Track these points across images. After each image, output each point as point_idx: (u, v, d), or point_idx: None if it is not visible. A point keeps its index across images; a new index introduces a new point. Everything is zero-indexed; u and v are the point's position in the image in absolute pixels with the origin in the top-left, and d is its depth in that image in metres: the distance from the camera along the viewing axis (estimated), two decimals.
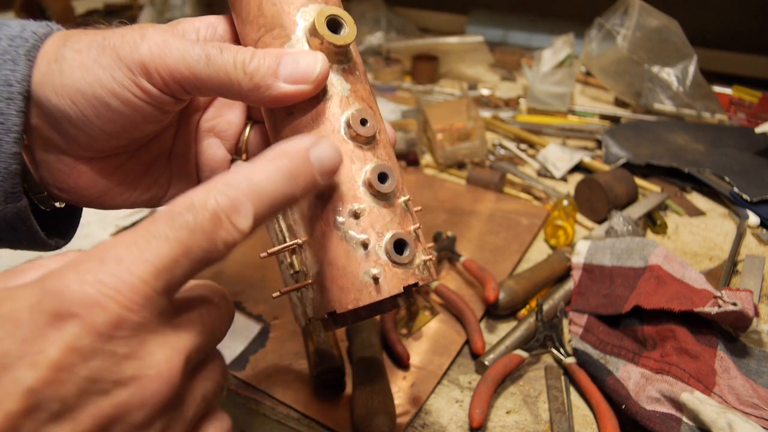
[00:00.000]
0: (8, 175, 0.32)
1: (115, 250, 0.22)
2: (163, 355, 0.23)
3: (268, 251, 0.33)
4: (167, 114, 0.34)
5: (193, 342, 0.24)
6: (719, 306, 0.52)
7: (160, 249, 0.22)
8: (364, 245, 0.31)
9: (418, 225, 0.34)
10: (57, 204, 0.38)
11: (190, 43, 0.31)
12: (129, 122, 0.33)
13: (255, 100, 0.32)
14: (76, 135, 0.33)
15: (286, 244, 0.34)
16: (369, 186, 0.32)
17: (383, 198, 0.32)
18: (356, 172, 0.32)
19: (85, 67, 0.31)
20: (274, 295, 0.35)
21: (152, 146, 0.38)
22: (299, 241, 0.34)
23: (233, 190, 0.24)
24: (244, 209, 0.25)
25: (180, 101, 0.34)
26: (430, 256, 0.34)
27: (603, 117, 1.14)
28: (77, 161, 0.34)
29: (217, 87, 0.32)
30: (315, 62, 0.31)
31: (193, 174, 0.40)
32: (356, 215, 0.31)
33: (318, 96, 0.33)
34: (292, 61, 0.31)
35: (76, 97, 0.31)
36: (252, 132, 0.40)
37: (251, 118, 0.40)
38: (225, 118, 0.40)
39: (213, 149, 0.39)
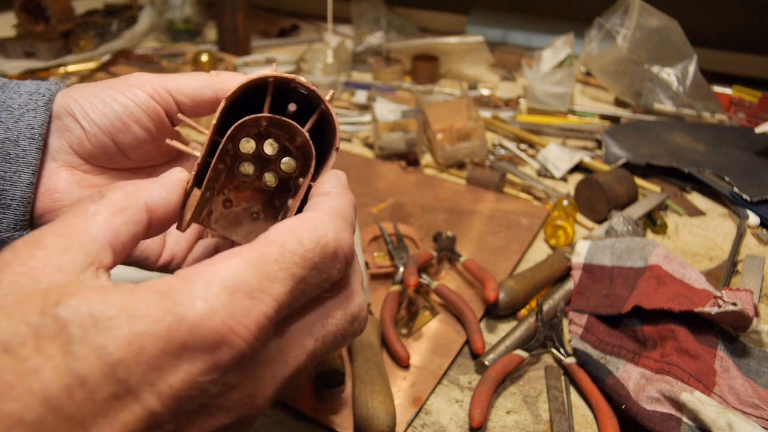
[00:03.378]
0: (22, 202, 0.37)
1: (245, 281, 0.24)
2: (264, 386, 0.25)
3: None
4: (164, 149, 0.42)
5: (292, 368, 0.27)
6: (719, 306, 0.52)
7: (285, 286, 0.25)
8: None
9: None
10: None
11: (198, 74, 0.40)
12: (119, 133, 0.39)
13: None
14: (70, 134, 0.39)
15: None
16: None
17: None
18: None
19: (95, 86, 0.39)
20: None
21: (138, 176, 0.43)
22: None
23: (339, 230, 0.28)
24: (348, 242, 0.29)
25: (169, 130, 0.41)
26: None
27: (603, 117, 1.14)
28: (61, 166, 0.39)
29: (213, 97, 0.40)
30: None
31: None
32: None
33: None
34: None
35: (80, 94, 0.39)
36: None
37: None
38: None
39: None
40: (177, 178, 0.33)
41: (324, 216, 0.28)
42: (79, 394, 0.20)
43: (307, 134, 0.35)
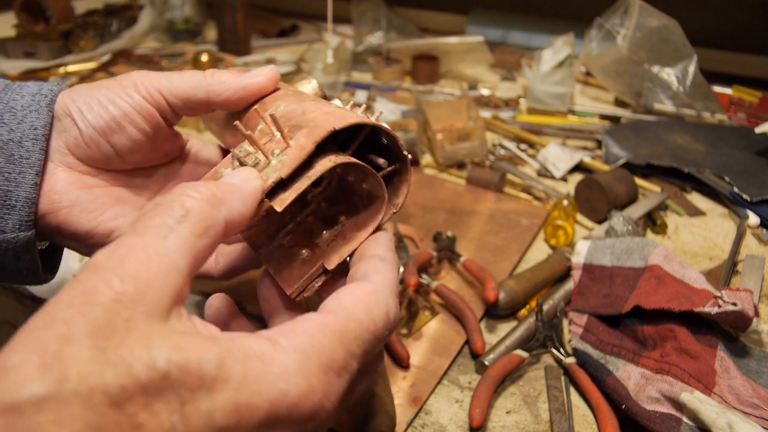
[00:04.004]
0: (27, 203, 0.37)
1: (335, 360, 0.26)
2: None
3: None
4: (162, 149, 0.43)
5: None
6: (719, 306, 0.52)
7: (359, 362, 0.28)
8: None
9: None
10: (42, 243, 0.43)
11: (195, 74, 0.41)
12: (114, 134, 0.40)
13: (230, 103, 0.40)
14: (67, 135, 0.39)
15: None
16: None
17: None
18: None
19: (93, 86, 0.40)
20: None
21: (136, 178, 0.43)
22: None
23: (396, 305, 0.33)
24: None
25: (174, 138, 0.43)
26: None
27: (603, 117, 1.14)
28: (58, 167, 0.39)
29: (208, 102, 0.40)
30: (267, 71, 0.40)
31: None
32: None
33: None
34: (250, 74, 0.40)
35: (79, 95, 0.39)
36: None
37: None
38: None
39: None
40: (254, 188, 0.31)
41: (386, 291, 0.31)
42: None
43: (385, 192, 0.35)
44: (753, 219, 0.80)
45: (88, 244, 0.40)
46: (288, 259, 0.37)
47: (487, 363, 0.55)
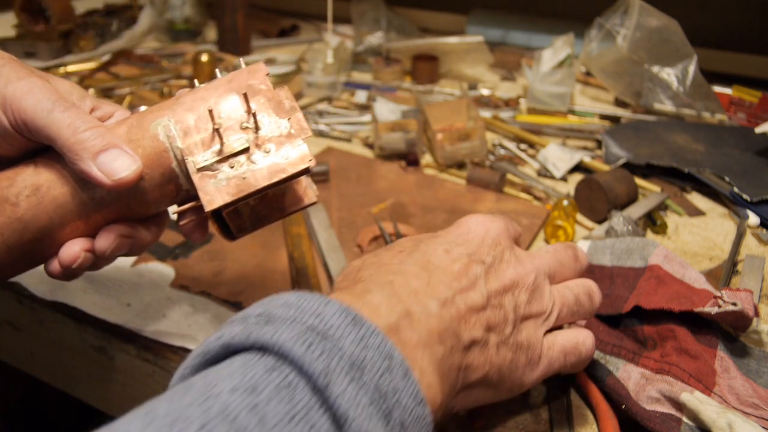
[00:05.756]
0: None
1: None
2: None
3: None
4: (14, 147, 0.40)
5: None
6: (719, 306, 0.52)
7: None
8: None
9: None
10: None
11: (50, 96, 0.37)
12: None
13: (71, 162, 0.37)
14: None
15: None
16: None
17: None
18: None
19: None
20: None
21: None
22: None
23: None
24: None
25: (29, 141, 0.39)
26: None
27: (603, 117, 1.14)
28: None
29: (49, 137, 0.37)
30: (127, 167, 0.37)
31: None
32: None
33: None
34: (113, 155, 0.37)
35: None
36: None
37: None
38: None
39: None
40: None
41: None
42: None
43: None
44: (753, 219, 0.80)
45: None
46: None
47: None
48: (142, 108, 0.44)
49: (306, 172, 0.41)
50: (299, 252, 0.69)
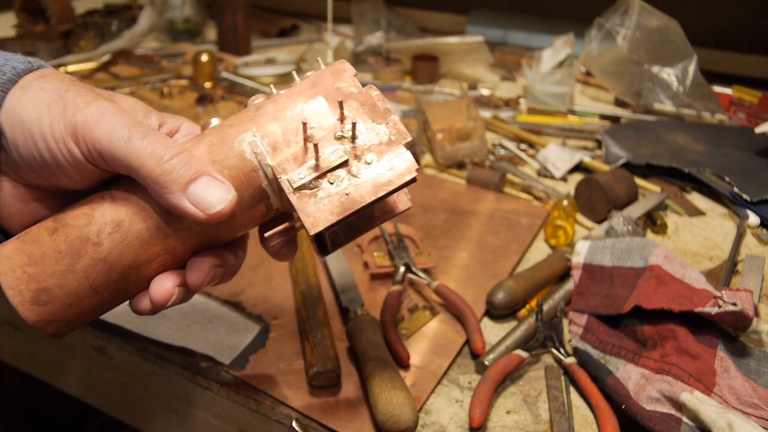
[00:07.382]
0: None
1: None
2: None
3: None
4: (88, 179, 0.36)
5: None
6: (719, 306, 0.52)
7: None
8: None
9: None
10: None
11: (125, 121, 0.33)
12: (49, 170, 0.34)
13: (156, 195, 0.34)
14: (6, 155, 0.35)
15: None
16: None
17: None
18: None
19: (38, 104, 0.33)
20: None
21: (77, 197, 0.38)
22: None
23: None
24: None
25: (104, 171, 0.35)
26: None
27: (603, 117, 1.14)
28: (1, 179, 0.36)
29: (129, 168, 0.33)
30: (223, 199, 0.33)
31: None
32: None
33: None
34: (204, 185, 0.33)
35: (16, 121, 0.33)
36: None
37: None
38: None
39: None
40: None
41: None
42: None
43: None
44: (753, 219, 0.80)
45: None
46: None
47: (487, 363, 0.55)
48: (214, 121, 0.39)
49: (413, 181, 0.37)
50: (299, 252, 0.69)
